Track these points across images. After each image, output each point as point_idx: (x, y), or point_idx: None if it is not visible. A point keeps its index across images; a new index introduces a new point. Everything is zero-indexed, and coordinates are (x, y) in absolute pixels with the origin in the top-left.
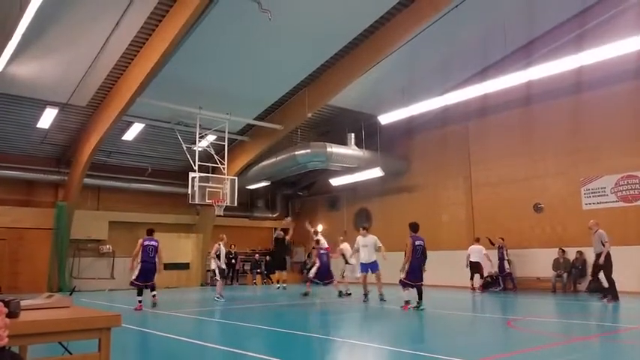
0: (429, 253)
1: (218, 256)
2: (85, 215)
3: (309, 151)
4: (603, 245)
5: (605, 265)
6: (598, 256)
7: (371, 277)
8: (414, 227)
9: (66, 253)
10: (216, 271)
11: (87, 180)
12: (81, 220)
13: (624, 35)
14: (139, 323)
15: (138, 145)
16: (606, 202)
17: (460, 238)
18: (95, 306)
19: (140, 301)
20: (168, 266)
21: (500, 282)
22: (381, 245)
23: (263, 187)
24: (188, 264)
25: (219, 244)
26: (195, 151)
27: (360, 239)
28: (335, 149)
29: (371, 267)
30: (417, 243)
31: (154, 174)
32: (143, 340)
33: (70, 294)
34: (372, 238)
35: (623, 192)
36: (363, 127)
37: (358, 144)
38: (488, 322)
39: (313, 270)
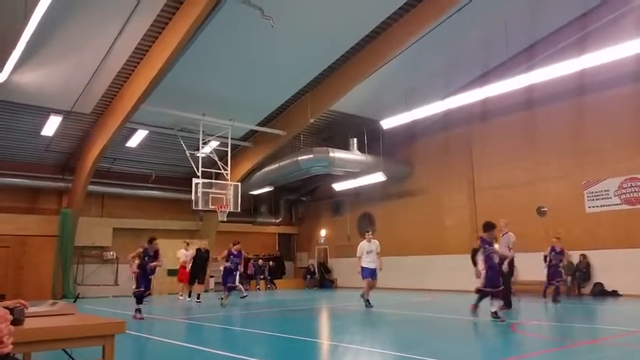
0: (433, 257)
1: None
2: (89, 222)
3: (311, 156)
4: (510, 250)
5: (508, 270)
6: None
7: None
8: (485, 227)
9: (70, 260)
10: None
11: (91, 187)
12: (85, 226)
13: (626, 38)
14: (144, 330)
15: (142, 151)
16: (610, 205)
17: (464, 243)
18: (99, 313)
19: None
20: (172, 272)
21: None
22: (379, 251)
23: (266, 192)
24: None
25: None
26: (198, 157)
27: (365, 245)
28: (337, 154)
29: (374, 273)
30: (486, 247)
31: (158, 180)
32: (147, 346)
33: (74, 301)
34: (376, 243)
35: (627, 194)
36: (365, 132)
37: (361, 149)
38: (491, 326)
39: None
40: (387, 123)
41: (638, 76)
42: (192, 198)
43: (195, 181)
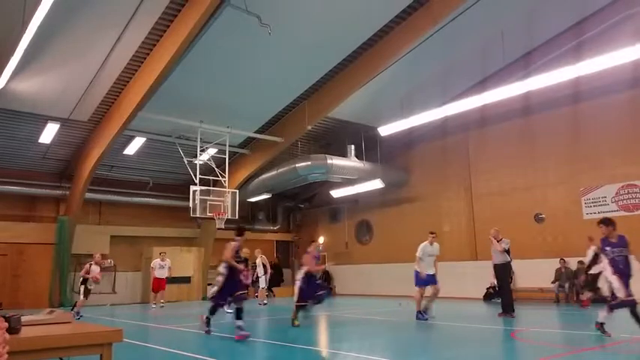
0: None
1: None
2: (86, 230)
3: (309, 163)
4: (508, 254)
5: (506, 276)
6: (504, 267)
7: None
8: (603, 223)
9: (67, 268)
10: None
11: (88, 194)
12: (82, 234)
13: (621, 45)
14: (141, 338)
15: (139, 159)
16: (607, 212)
17: (462, 250)
18: (96, 321)
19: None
20: (167, 280)
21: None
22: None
23: (264, 199)
24: (189, 278)
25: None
26: (196, 164)
27: (427, 247)
28: (335, 161)
29: (433, 279)
30: (607, 248)
31: (156, 188)
32: (145, 355)
33: (72, 309)
34: (437, 247)
35: (624, 201)
36: (363, 139)
37: (358, 155)
38: (491, 333)
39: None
40: (385, 130)
41: (633, 83)
42: (190, 205)
43: (192, 188)
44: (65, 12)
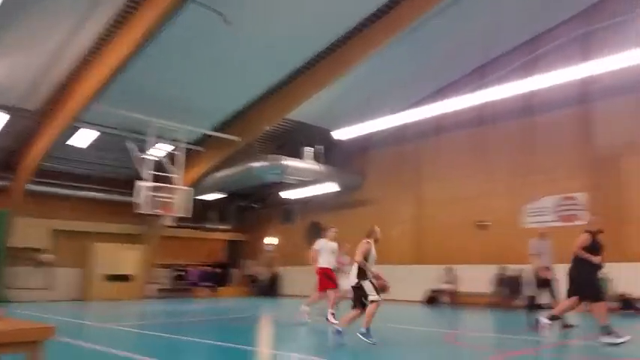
0: (378, 267)
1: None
2: (26, 223)
3: (265, 163)
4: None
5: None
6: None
7: None
8: None
9: (2, 262)
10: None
11: (30, 186)
12: (21, 227)
13: (570, 63)
14: (77, 337)
15: (87, 151)
16: (548, 222)
17: (407, 253)
18: (31, 318)
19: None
20: (109, 278)
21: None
22: None
23: (216, 198)
24: (129, 276)
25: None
26: (147, 159)
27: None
28: (291, 162)
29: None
30: None
31: (103, 182)
32: (80, 355)
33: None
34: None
35: (563, 212)
36: (320, 142)
37: (315, 158)
38: (425, 335)
39: None
40: (341, 134)
41: (578, 100)
42: (137, 201)
43: (140, 183)
44: None
